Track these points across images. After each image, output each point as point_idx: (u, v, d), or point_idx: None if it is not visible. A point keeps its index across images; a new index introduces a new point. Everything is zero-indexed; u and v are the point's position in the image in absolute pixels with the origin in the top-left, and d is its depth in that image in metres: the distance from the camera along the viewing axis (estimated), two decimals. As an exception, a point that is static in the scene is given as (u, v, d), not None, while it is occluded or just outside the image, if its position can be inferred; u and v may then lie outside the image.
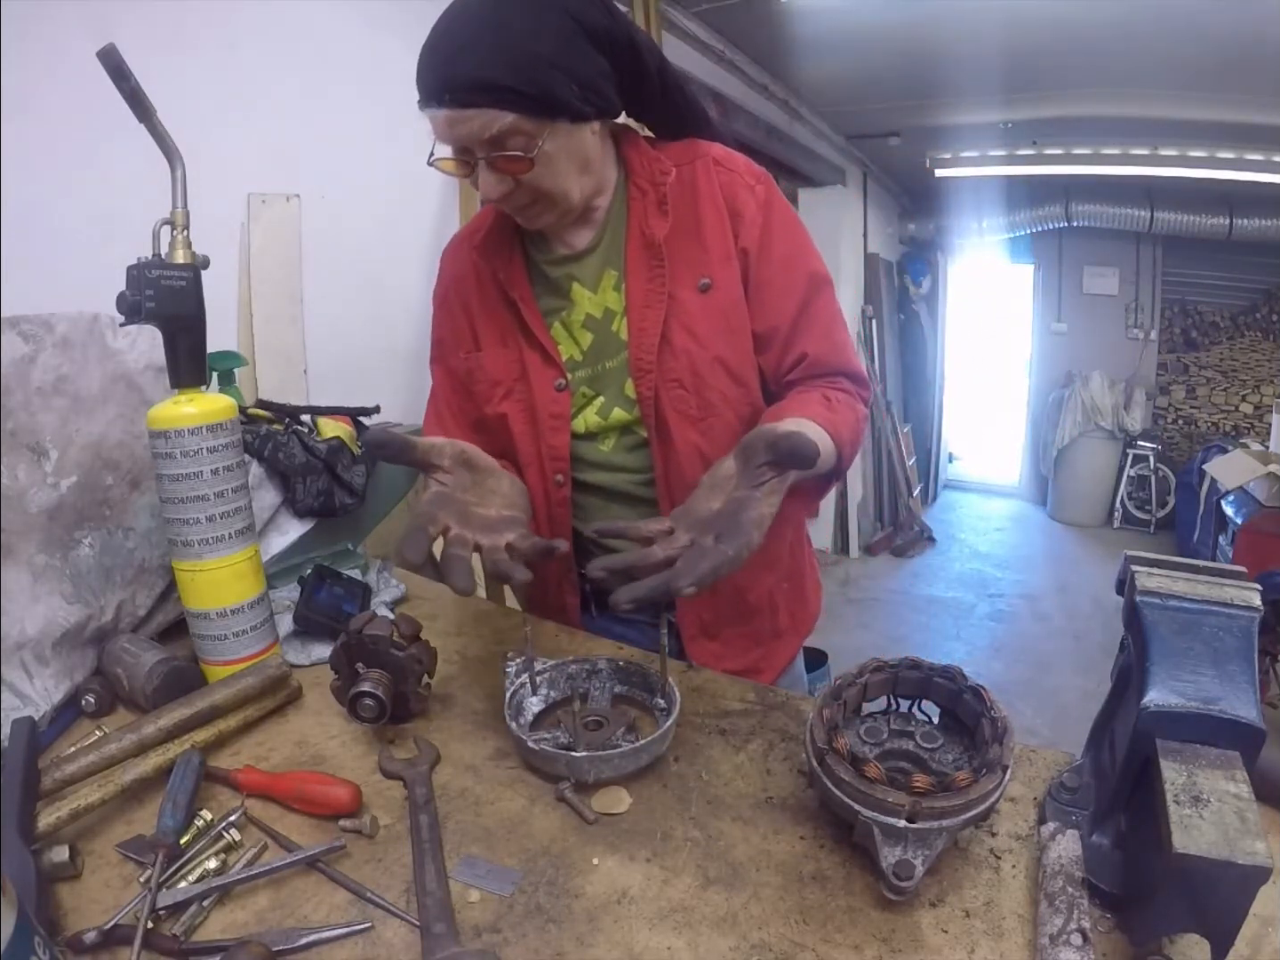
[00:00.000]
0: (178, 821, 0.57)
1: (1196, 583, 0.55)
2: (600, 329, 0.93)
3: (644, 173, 0.92)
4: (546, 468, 0.95)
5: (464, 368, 0.99)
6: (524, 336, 0.94)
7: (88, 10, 1.26)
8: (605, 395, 0.93)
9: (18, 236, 1.18)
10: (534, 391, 0.94)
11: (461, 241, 1.04)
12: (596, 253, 0.93)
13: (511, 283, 0.93)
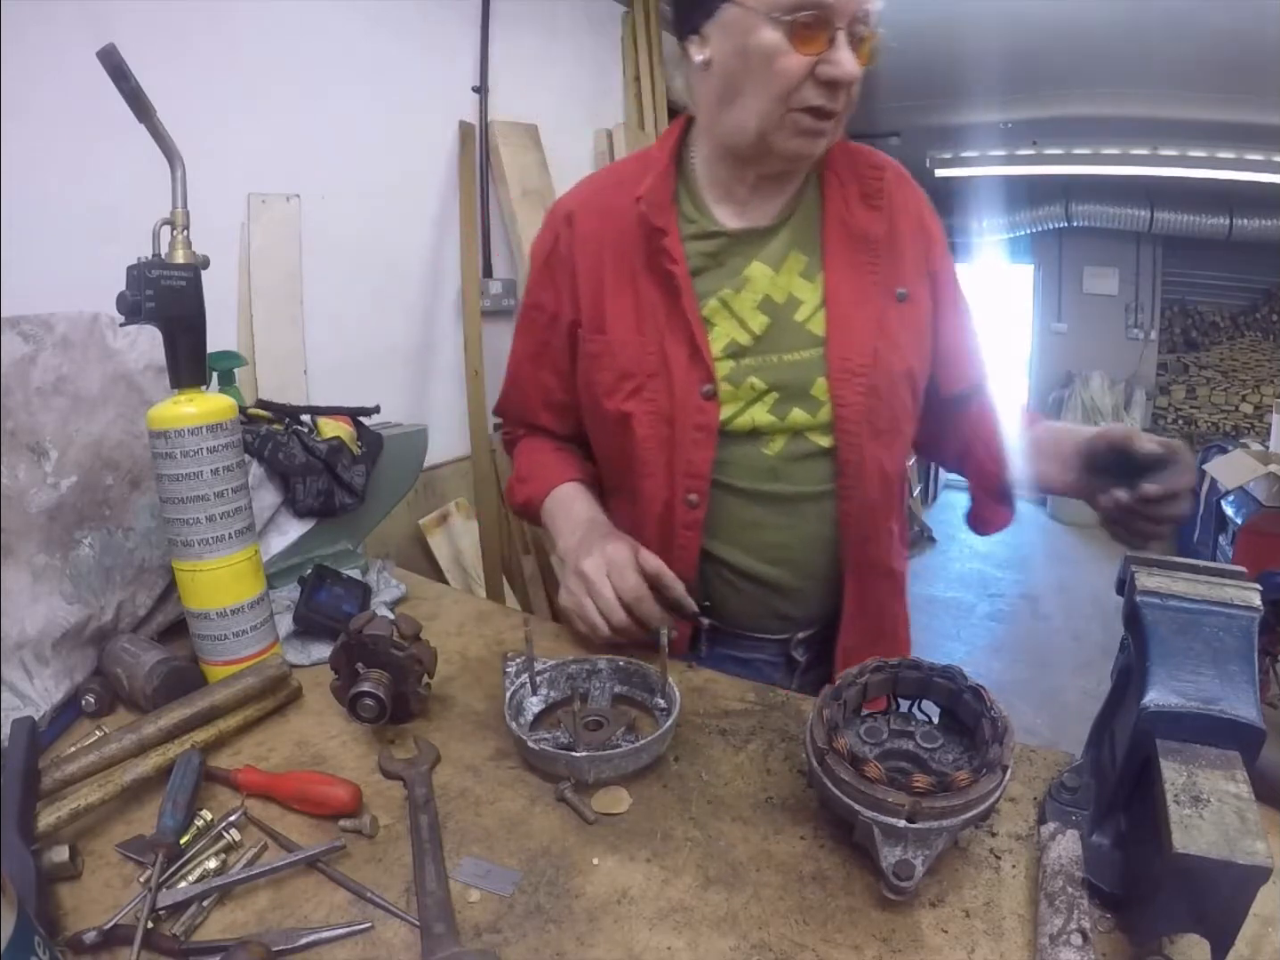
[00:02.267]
0: (178, 821, 0.57)
1: (1196, 583, 0.55)
2: (779, 315, 0.83)
3: (843, 159, 0.85)
4: (679, 484, 0.83)
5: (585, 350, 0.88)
6: (670, 323, 0.82)
7: (88, 10, 1.27)
8: (781, 392, 0.82)
9: (18, 236, 1.18)
10: (674, 394, 0.82)
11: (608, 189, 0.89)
12: (783, 231, 0.84)
13: (670, 254, 0.81)
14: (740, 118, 0.77)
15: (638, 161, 0.90)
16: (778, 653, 0.93)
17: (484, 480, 2.15)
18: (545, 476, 0.94)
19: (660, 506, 0.86)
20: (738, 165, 0.83)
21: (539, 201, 2.24)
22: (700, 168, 0.87)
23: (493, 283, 2.20)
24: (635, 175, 0.86)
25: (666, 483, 0.85)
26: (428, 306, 2.08)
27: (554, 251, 0.90)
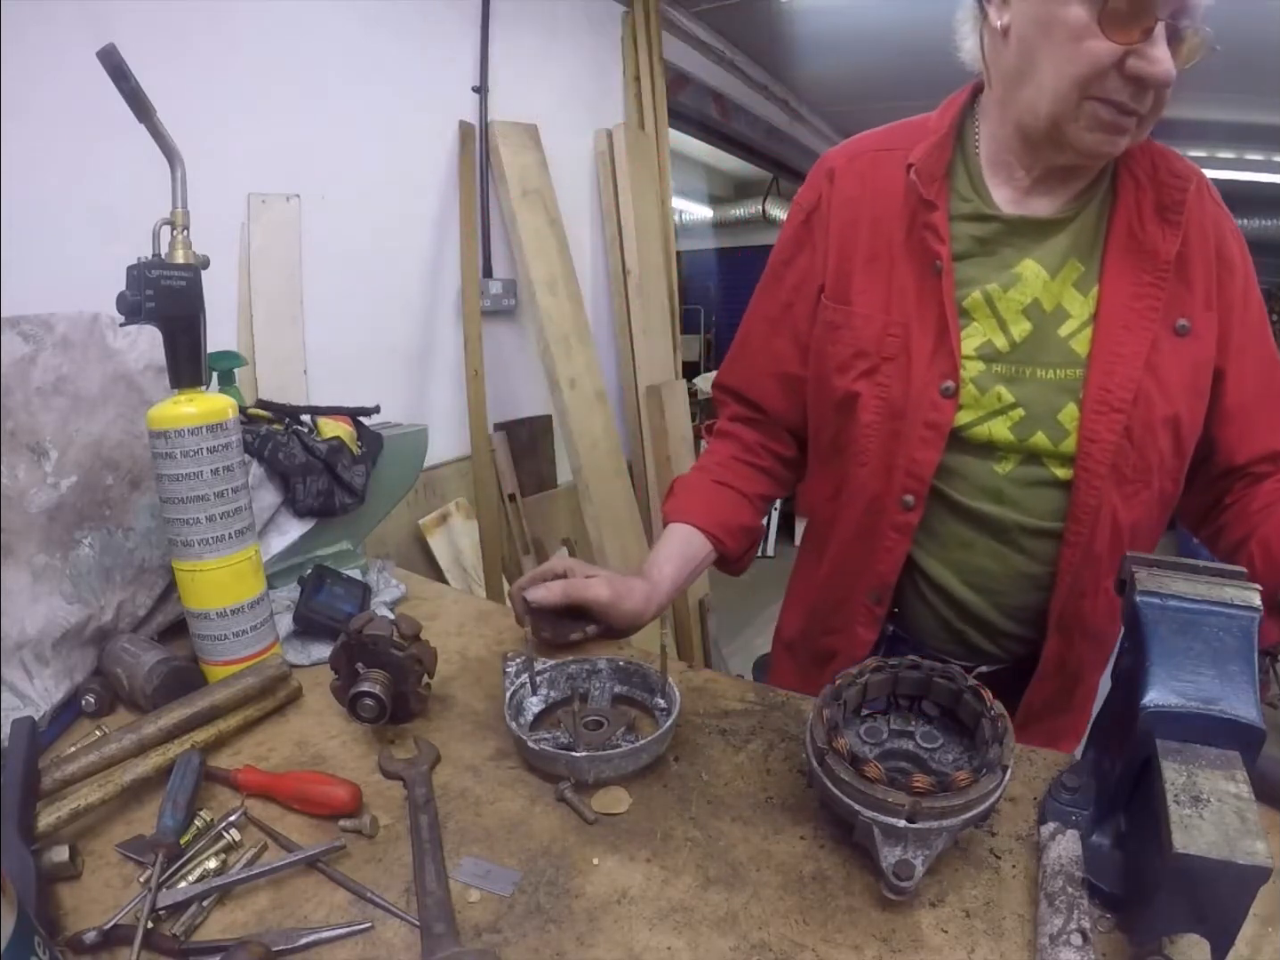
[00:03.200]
0: (178, 821, 0.57)
1: (1196, 583, 0.55)
2: (1043, 325, 0.75)
3: (1144, 161, 0.75)
4: (896, 482, 0.78)
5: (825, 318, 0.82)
6: (921, 307, 0.76)
7: (88, 10, 1.27)
8: (1028, 410, 0.75)
9: (18, 236, 1.18)
10: (910, 384, 0.76)
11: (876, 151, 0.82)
12: (1065, 232, 0.75)
13: (937, 232, 0.75)
14: (1033, 96, 0.70)
15: (915, 126, 0.82)
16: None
17: (484, 480, 2.15)
18: (684, 505, 0.91)
19: (869, 500, 0.81)
20: (1027, 148, 0.75)
21: (539, 201, 2.24)
22: (984, 143, 0.79)
23: (493, 283, 2.20)
24: (909, 139, 0.80)
25: (883, 477, 0.79)
26: (428, 306, 2.08)
27: (816, 209, 0.84)
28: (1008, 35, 0.71)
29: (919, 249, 0.77)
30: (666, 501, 0.95)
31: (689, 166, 6.31)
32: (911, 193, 0.77)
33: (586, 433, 2.33)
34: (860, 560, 0.85)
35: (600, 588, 0.82)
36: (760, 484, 0.95)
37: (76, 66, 0.98)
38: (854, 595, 0.86)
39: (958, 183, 0.78)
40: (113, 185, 1.28)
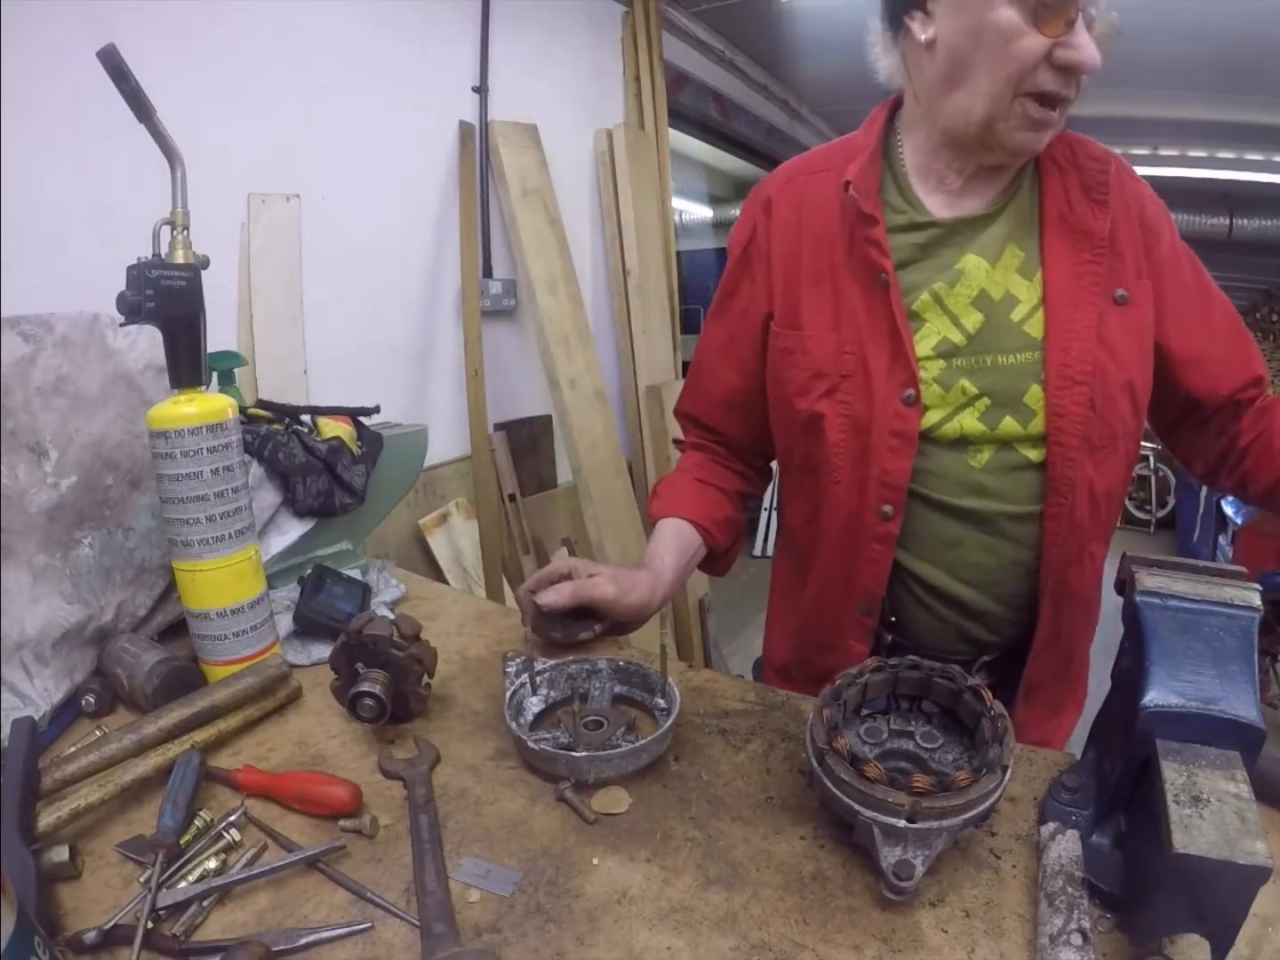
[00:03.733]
0: (178, 821, 0.57)
1: (1196, 583, 0.55)
2: (994, 314, 0.77)
3: (1063, 149, 0.79)
4: (871, 494, 0.79)
5: (777, 344, 0.84)
6: (871, 321, 0.77)
7: (88, 10, 1.26)
8: (994, 398, 0.77)
9: (18, 236, 1.18)
10: (872, 397, 0.77)
11: (807, 175, 0.85)
12: (999, 222, 0.78)
13: (880, 245, 0.76)
14: (966, 102, 0.73)
15: (841, 146, 0.85)
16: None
17: (484, 480, 2.15)
18: (670, 503, 0.94)
19: (847, 516, 0.82)
20: (957, 154, 0.78)
21: (539, 201, 2.24)
22: (910, 156, 0.82)
23: (493, 283, 2.20)
24: (837, 161, 0.82)
25: (857, 491, 0.80)
26: (428, 306, 2.08)
27: (752, 240, 0.87)
28: (933, 48, 0.74)
29: (862, 264, 0.79)
30: (652, 503, 0.97)
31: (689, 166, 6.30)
32: (849, 210, 0.79)
33: (586, 433, 2.33)
34: (845, 575, 0.85)
35: (605, 585, 0.83)
36: (737, 482, 0.99)
37: (76, 66, 0.98)
38: (843, 611, 0.87)
39: (889, 195, 0.81)
40: (113, 185, 1.28)
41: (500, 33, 2.14)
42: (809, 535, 0.89)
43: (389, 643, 0.71)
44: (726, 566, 1.01)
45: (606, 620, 0.86)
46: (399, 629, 0.72)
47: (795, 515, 0.92)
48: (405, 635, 0.72)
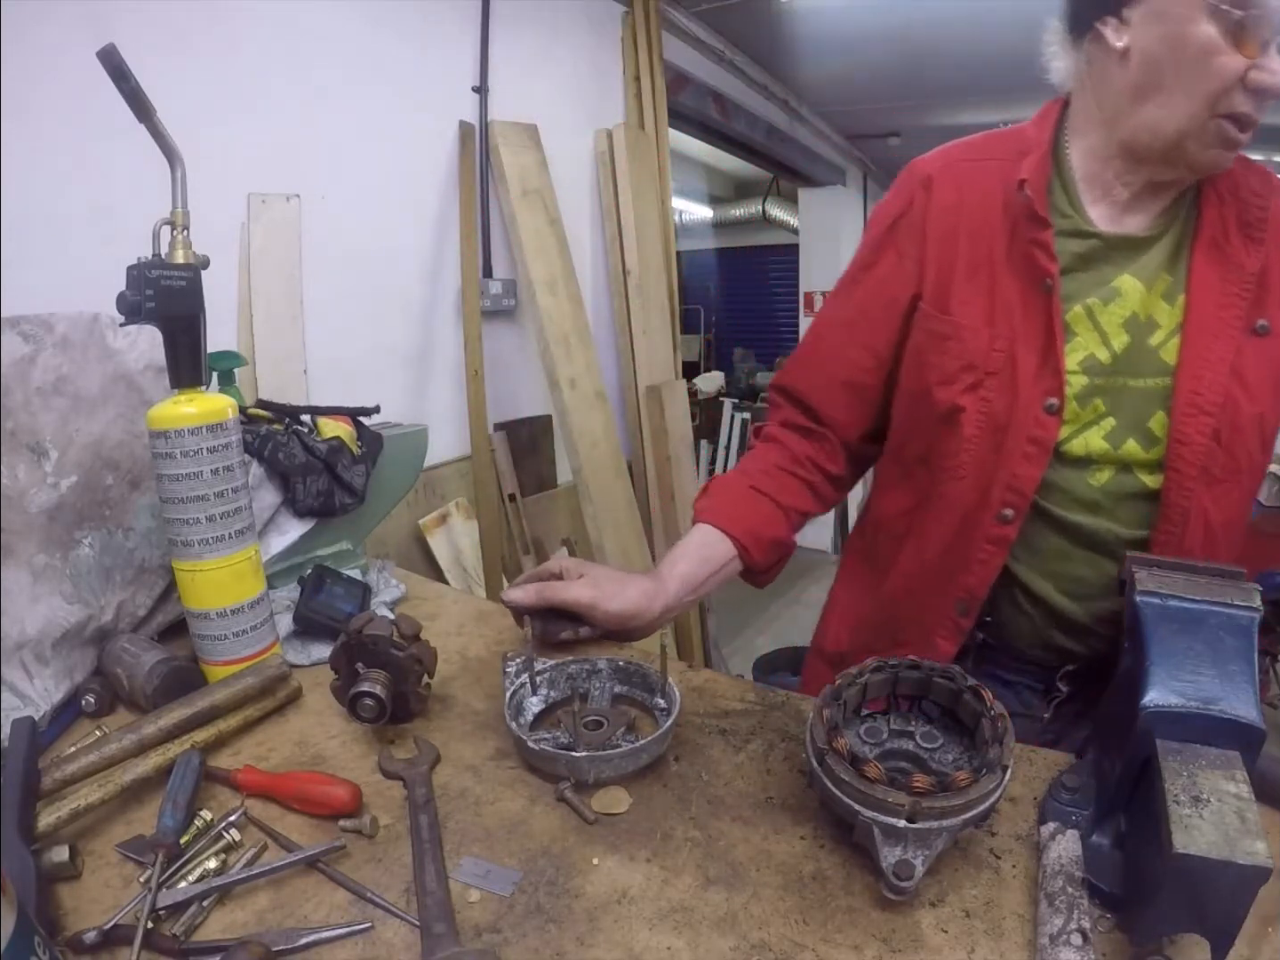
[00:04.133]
0: (178, 821, 0.57)
1: (1196, 583, 0.55)
2: (1137, 336, 0.76)
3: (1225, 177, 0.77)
4: (995, 496, 0.78)
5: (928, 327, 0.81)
6: (1026, 322, 0.76)
7: (88, 10, 1.27)
8: (1119, 419, 0.76)
9: (18, 236, 1.18)
10: (1015, 399, 0.76)
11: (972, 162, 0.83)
12: (1159, 245, 0.77)
13: (1048, 250, 0.75)
14: (1157, 116, 0.72)
15: (1009, 137, 0.84)
16: (1041, 678, 0.89)
17: (484, 480, 2.15)
18: (715, 507, 0.89)
19: (963, 514, 0.81)
20: (1130, 166, 0.77)
21: (539, 201, 2.24)
22: (1077, 159, 0.80)
23: (493, 283, 2.20)
24: (1005, 152, 0.81)
25: (979, 491, 0.79)
26: (427, 306, 2.08)
27: (906, 215, 0.84)
28: (1126, 57, 0.72)
29: (1024, 263, 0.77)
30: (699, 499, 0.92)
31: (689, 166, 6.31)
32: (1015, 207, 0.78)
33: (586, 433, 2.33)
34: (947, 573, 0.84)
35: (581, 589, 0.81)
36: (800, 498, 0.92)
37: (76, 66, 0.98)
38: (936, 607, 0.85)
39: (1055, 198, 0.79)
40: (113, 185, 1.28)
41: (500, 33, 2.14)
42: (904, 526, 0.87)
43: (389, 643, 0.71)
44: (768, 581, 0.95)
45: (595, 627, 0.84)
46: (399, 629, 0.72)
47: (892, 504, 0.90)
48: (405, 635, 0.72)
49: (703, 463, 5.76)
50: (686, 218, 7.81)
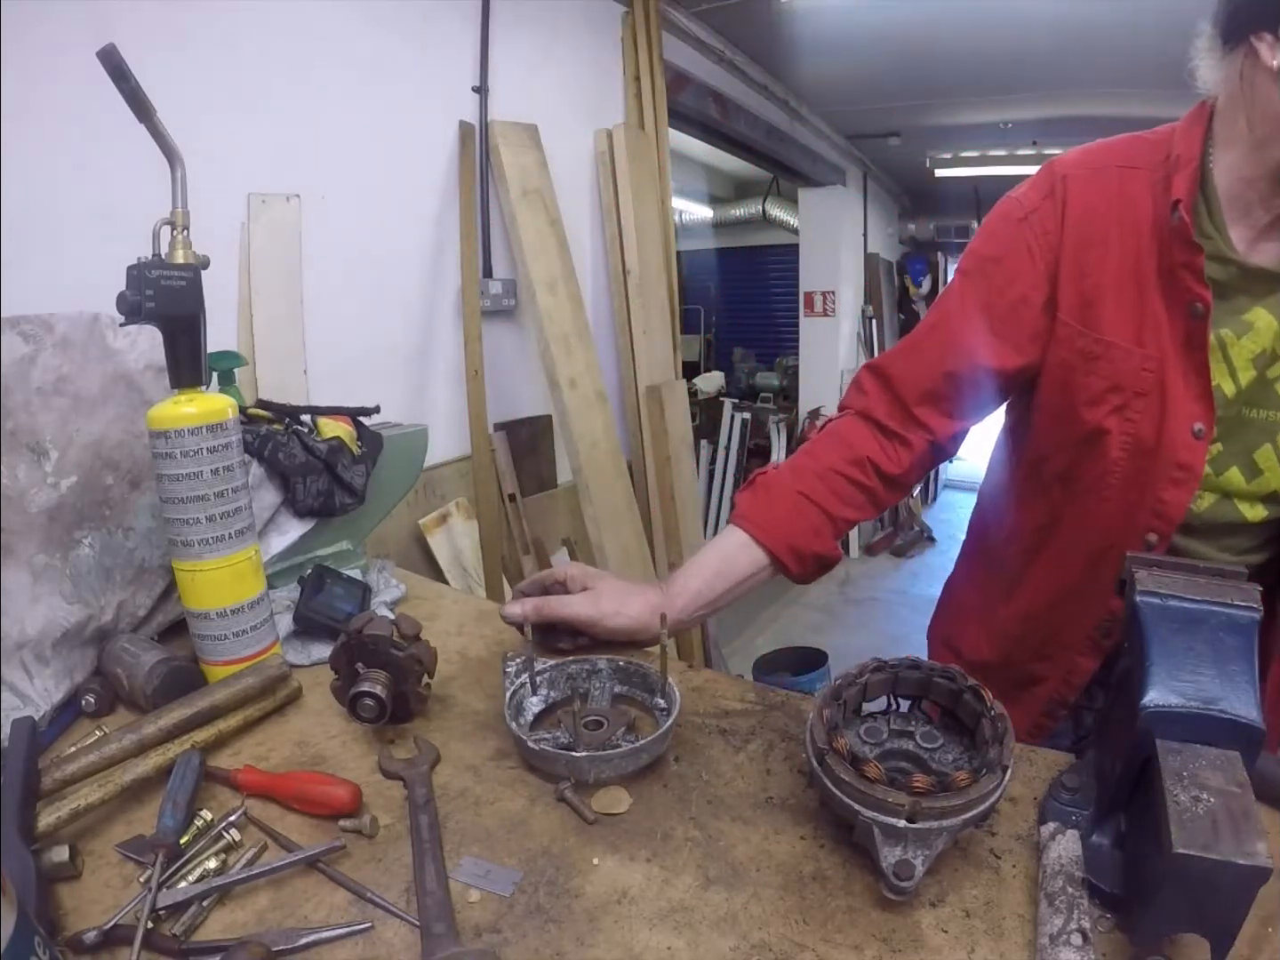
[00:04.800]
0: (178, 821, 0.57)
1: (1196, 583, 0.55)
2: (1262, 370, 0.75)
3: None
4: (1140, 520, 0.77)
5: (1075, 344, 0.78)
6: (1175, 345, 0.75)
7: (88, 10, 1.27)
8: (1226, 446, 0.77)
9: (18, 236, 1.18)
10: (1165, 423, 0.75)
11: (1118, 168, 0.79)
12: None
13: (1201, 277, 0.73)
14: None
15: (1156, 145, 0.79)
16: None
17: (484, 480, 2.15)
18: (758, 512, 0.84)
19: (1106, 536, 0.79)
20: (1275, 189, 0.73)
21: (539, 201, 2.24)
22: (1220, 175, 0.76)
23: (493, 283, 2.20)
24: (1153, 161, 0.77)
25: (1123, 517, 0.78)
26: (428, 306, 2.08)
27: (1039, 209, 0.80)
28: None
29: (1172, 284, 0.75)
30: (743, 491, 0.87)
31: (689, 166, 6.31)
32: (1164, 224, 0.75)
33: (586, 433, 2.33)
34: (1088, 592, 0.83)
35: (581, 605, 0.80)
36: (851, 507, 0.86)
37: (76, 66, 0.98)
38: (1075, 626, 0.85)
39: (1199, 217, 0.76)
40: (113, 185, 1.28)
41: (500, 33, 2.14)
42: (1039, 541, 0.86)
43: (389, 643, 0.71)
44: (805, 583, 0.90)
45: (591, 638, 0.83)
46: (399, 629, 0.72)
47: (1026, 518, 0.89)
48: (405, 635, 0.72)
49: (703, 463, 5.75)
50: (686, 218, 7.81)
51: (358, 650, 0.71)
